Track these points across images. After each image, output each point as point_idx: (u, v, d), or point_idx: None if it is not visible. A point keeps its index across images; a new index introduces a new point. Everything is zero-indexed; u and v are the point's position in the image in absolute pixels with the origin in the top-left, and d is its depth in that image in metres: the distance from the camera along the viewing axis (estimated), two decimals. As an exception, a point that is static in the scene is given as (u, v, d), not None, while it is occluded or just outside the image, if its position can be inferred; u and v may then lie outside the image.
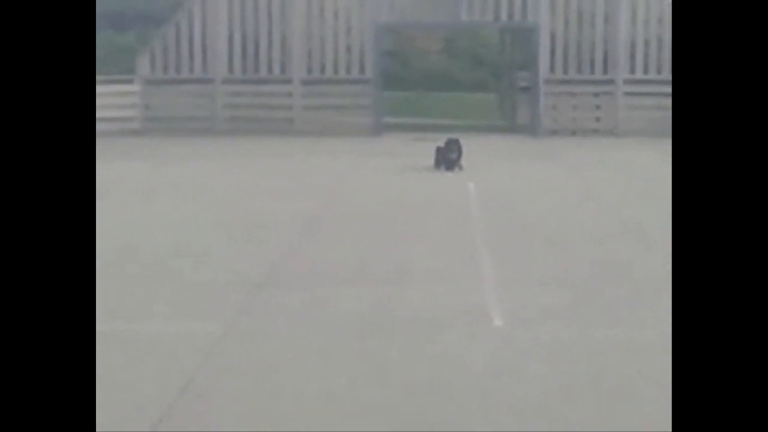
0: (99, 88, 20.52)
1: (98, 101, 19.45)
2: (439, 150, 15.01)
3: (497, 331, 6.29)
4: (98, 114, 19.25)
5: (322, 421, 4.70)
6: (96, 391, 5.05)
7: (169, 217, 10.63)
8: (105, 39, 27.70)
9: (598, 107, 21.23)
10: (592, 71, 20.97)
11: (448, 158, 14.91)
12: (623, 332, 6.23)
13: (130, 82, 21.03)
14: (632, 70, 20.77)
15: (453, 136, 15.30)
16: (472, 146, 15.70)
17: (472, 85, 29.20)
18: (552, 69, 20.93)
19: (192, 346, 5.86)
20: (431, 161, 14.89)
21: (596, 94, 21.17)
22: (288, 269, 8.07)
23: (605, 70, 20.92)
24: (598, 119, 21.17)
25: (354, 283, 7.58)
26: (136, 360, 5.63)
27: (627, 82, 20.68)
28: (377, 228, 10.03)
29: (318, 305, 6.88)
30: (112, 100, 20.66)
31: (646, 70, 20.62)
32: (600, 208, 11.35)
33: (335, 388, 5.16)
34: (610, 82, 20.89)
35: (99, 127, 19.31)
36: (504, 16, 20.93)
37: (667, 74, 20.06)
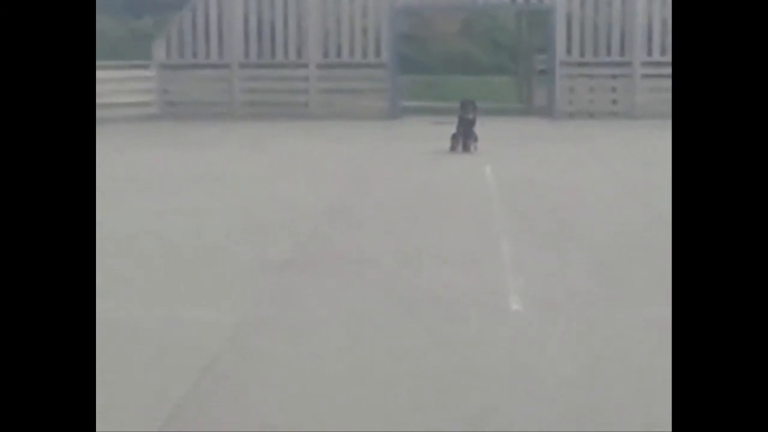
0: (116, 74, 20.69)
1: (116, 86, 19.86)
2: (454, 137, 14.98)
3: (515, 315, 6.32)
4: (116, 99, 19.66)
5: (340, 403, 4.74)
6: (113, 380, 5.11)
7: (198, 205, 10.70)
8: (122, 24, 27.79)
9: (614, 90, 21.16)
10: (609, 53, 20.89)
11: (465, 119, 14.88)
12: (645, 313, 6.22)
13: (146, 67, 21.09)
14: (649, 52, 20.66)
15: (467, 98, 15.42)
16: (488, 129, 15.68)
17: (491, 69, 29.17)
18: (569, 51, 20.87)
19: (218, 330, 5.91)
20: (447, 144, 14.89)
21: (613, 77, 21.09)
22: (307, 254, 8.11)
23: (622, 53, 20.83)
24: (615, 102, 21.10)
25: (372, 266, 7.59)
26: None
27: (644, 64, 20.57)
28: (394, 213, 10.05)
29: (334, 288, 6.91)
30: (130, 85, 20.79)
31: (663, 52, 20.46)
32: (619, 191, 11.32)
33: (355, 369, 5.19)
34: (628, 64, 20.80)
35: (117, 112, 19.64)
36: (520, -2, 20.90)
37: (684, 56, 19.93)
